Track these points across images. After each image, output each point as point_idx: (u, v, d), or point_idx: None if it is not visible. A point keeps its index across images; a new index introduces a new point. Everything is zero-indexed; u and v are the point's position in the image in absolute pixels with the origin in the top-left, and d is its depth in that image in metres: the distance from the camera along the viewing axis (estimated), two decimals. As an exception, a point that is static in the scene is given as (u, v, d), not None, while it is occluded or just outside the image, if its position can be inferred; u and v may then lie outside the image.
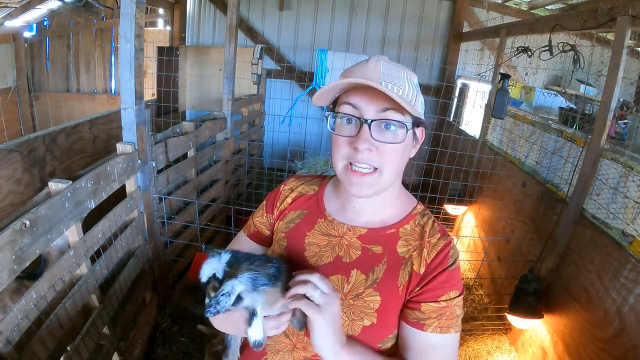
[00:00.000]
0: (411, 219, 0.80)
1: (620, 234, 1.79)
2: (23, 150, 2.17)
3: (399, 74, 0.71)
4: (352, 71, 0.73)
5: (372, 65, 0.71)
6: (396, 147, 0.71)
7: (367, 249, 0.78)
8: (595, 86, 4.03)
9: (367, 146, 0.70)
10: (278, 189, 0.93)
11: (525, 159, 2.86)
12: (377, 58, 0.73)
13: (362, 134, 0.70)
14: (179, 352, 2.15)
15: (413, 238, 0.78)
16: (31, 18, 4.32)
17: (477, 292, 2.99)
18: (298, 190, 0.90)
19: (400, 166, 0.75)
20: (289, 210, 0.88)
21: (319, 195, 0.87)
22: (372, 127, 0.70)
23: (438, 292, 0.73)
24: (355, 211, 0.81)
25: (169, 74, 4.19)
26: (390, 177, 0.74)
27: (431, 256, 0.75)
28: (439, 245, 0.76)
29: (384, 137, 0.71)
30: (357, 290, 0.75)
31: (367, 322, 0.73)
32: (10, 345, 1.13)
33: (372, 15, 4.76)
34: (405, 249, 0.77)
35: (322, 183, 0.90)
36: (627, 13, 1.80)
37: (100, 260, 1.63)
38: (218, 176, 2.99)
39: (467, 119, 4.52)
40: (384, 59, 0.73)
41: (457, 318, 0.73)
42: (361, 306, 0.73)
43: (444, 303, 0.72)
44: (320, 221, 0.83)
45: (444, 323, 0.72)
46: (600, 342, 1.74)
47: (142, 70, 1.76)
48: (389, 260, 0.76)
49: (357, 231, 0.79)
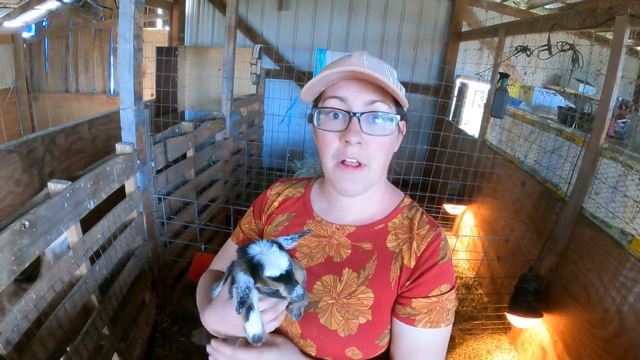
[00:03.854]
0: (399, 212, 0.80)
1: (620, 233, 1.80)
2: (22, 151, 2.16)
3: (382, 67, 0.71)
4: (336, 64, 0.71)
5: (355, 58, 0.70)
6: (385, 139, 0.71)
7: (357, 247, 0.77)
8: (594, 85, 4.03)
9: (358, 139, 0.69)
10: (264, 195, 0.92)
11: (525, 158, 2.86)
12: (360, 52, 0.72)
13: (353, 127, 0.69)
14: (179, 352, 2.15)
15: (402, 231, 0.78)
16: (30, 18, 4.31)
17: (476, 291, 2.99)
18: (284, 194, 0.89)
19: (387, 160, 0.75)
20: (277, 213, 0.87)
21: (305, 196, 0.87)
22: (361, 119, 0.69)
23: (429, 287, 0.72)
24: (343, 210, 0.81)
25: (168, 74, 4.19)
26: (378, 171, 0.73)
27: (421, 249, 0.74)
28: (428, 237, 0.75)
29: (373, 130, 0.70)
30: (350, 288, 0.74)
31: (362, 319, 0.72)
32: (10, 346, 1.13)
33: (371, 15, 4.76)
34: (395, 243, 0.76)
35: (308, 185, 0.89)
36: (625, 12, 1.80)
37: (100, 261, 1.63)
38: (217, 176, 2.99)
39: (466, 118, 4.52)
40: (366, 53, 0.72)
41: (447, 312, 0.72)
42: (355, 304, 0.73)
43: (435, 298, 0.71)
44: (308, 222, 0.83)
45: (434, 317, 0.71)
46: (599, 341, 1.74)
47: (141, 70, 1.76)
48: (379, 255, 0.75)
49: (345, 230, 0.79)
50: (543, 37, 2.58)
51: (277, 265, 0.63)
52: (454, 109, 4.75)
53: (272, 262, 0.63)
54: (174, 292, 2.42)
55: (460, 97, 4.68)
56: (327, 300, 0.74)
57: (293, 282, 0.64)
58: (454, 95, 4.66)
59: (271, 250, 0.65)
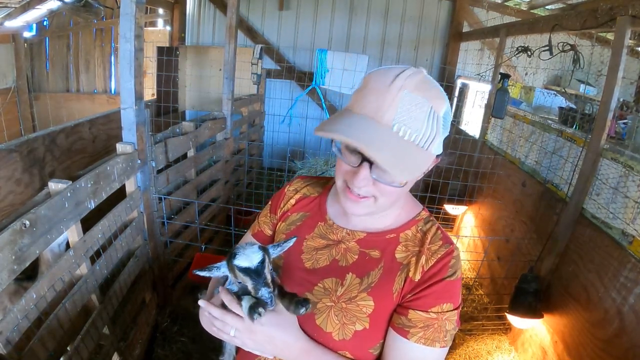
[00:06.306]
0: (413, 224, 0.77)
1: (620, 234, 1.80)
2: (23, 151, 2.16)
3: (421, 110, 0.62)
4: (369, 92, 0.63)
5: (392, 94, 0.61)
6: (393, 188, 0.68)
7: (365, 253, 0.76)
8: (595, 86, 4.03)
9: (364, 185, 0.67)
10: (283, 190, 0.92)
11: (525, 158, 2.86)
12: (403, 82, 0.61)
13: (361, 173, 0.65)
14: (179, 352, 2.15)
15: (413, 244, 0.75)
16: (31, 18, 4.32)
17: (477, 292, 2.99)
18: (302, 192, 0.89)
19: (398, 197, 0.72)
20: (292, 212, 0.87)
21: (322, 198, 0.86)
22: (372, 167, 0.65)
23: (430, 301, 0.69)
24: (355, 217, 0.79)
25: (169, 74, 4.19)
26: (386, 204, 0.71)
27: (429, 264, 0.71)
28: (439, 253, 0.72)
29: (385, 177, 0.66)
30: (350, 293, 0.73)
31: (359, 326, 0.71)
32: (10, 346, 1.13)
33: (372, 15, 4.76)
34: (404, 255, 0.74)
35: (327, 186, 0.88)
36: (626, 13, 1.80)
37: (100, 261, 1.63)
38: (218, 176, 2.99)
39: (467, 118, 4.52)
40: (412, 84, 0.61)
41: (446, 333, 0.69)
42: (354, 310, 0.71)
43: (434, 315, 0.68)
44: (320, 224, 0.82)
45: (429, 335, 0.68)
46: (600, 342, 1.74)
47: (141, 70, 1.76)
48: (385, 265, 0.74)
49: (355, 235, 0.78)
50: (544, 38, 2.58)
51: (248, 259, 0.67)
52: (455, 110, 4.74)
53: (244, 255, 0.68)
54: (174, 292, 2.42)
55: (461, 97, 4.68)
56: (326, 302, 0.73)
57: (261, 282, 0.66)
58: (454, 96, 4.66)
59: (250, 247, 0.70)
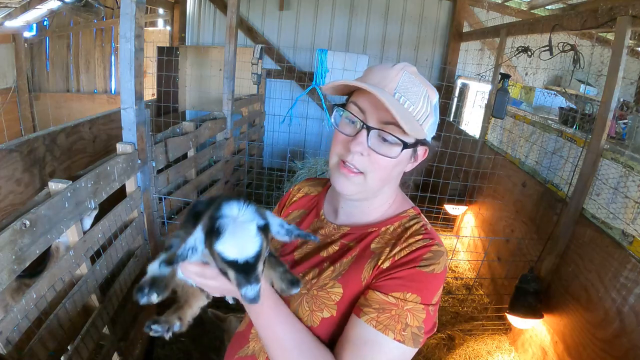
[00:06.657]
0: (397, 220, 0.78)
1: (621, 234, 1.79)
2: (23, 150, 2.17)
3: (418, 89, 0.71)
4: (373, 71, 0.73)
5: (394, 72, 0.70)
6: (388, 160, 0.71)
7: (345, 244, 0.78)
8: (595, 86, 4.03)
9: (360, 150, 0.70)
10: (290, 190, 0.98)
11: (525, 159, 2.86)
12: (403, 66, 0.71)
13: (359, 138, 0.70)
14: (179, 352, 2.15)
15: (391, 237, 0.75)
16: (31, 18, 4.32)
17: (477, 292, 2.99)
18: (304, 191, 0.94)
19: (388, 177, 0.74)
20: (292, 209, 0.92)
21: (320, 196, 0.90)
22: (370, 134, 0.69)
23: (393, 286, 0.67)
24: (344, 212, 0.82)
25: (169, 74, 4.19)
26: (375, 183, 0.73)
27: (401, 255, 0.70)
28: (414, 246, 0.71)
29: (380, 147, 0.70)
30: (323, 282, 0.74)
31: (326, 313, 0.71)
32: (11, 345, 1.13)
33: (372, 15, 4.76)
34: (379, 245, 0.75)
35: (327, 185, 0.92)
36: (627, 13, 1.80)
37: (100, 260, 1.63)
38: (218, 176, 2.99)
39: (467, 119, 4.52)
40: (411, 69, 0.72)
41: (405, 326, 0.64)
42: (323, 297, 0.72)
43: (393, 299, 0.66)
44: (314, 221, 0.86)
45: (383, 320, 0.65)
46: (600, 342, 1.74)
47: (142, 70, 1.76)
48: (358, 254, 0.75)
49: (341, 230, 0.80)
50: (544, 38, 2.58)
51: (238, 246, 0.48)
52: (455, 110, 4.75)
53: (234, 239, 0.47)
54: (174, 292, 2.42)
55: (461, 97, 4.69)
56: (301, 290, 0.72)
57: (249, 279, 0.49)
58: (455, 96, 4.66)
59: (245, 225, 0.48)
